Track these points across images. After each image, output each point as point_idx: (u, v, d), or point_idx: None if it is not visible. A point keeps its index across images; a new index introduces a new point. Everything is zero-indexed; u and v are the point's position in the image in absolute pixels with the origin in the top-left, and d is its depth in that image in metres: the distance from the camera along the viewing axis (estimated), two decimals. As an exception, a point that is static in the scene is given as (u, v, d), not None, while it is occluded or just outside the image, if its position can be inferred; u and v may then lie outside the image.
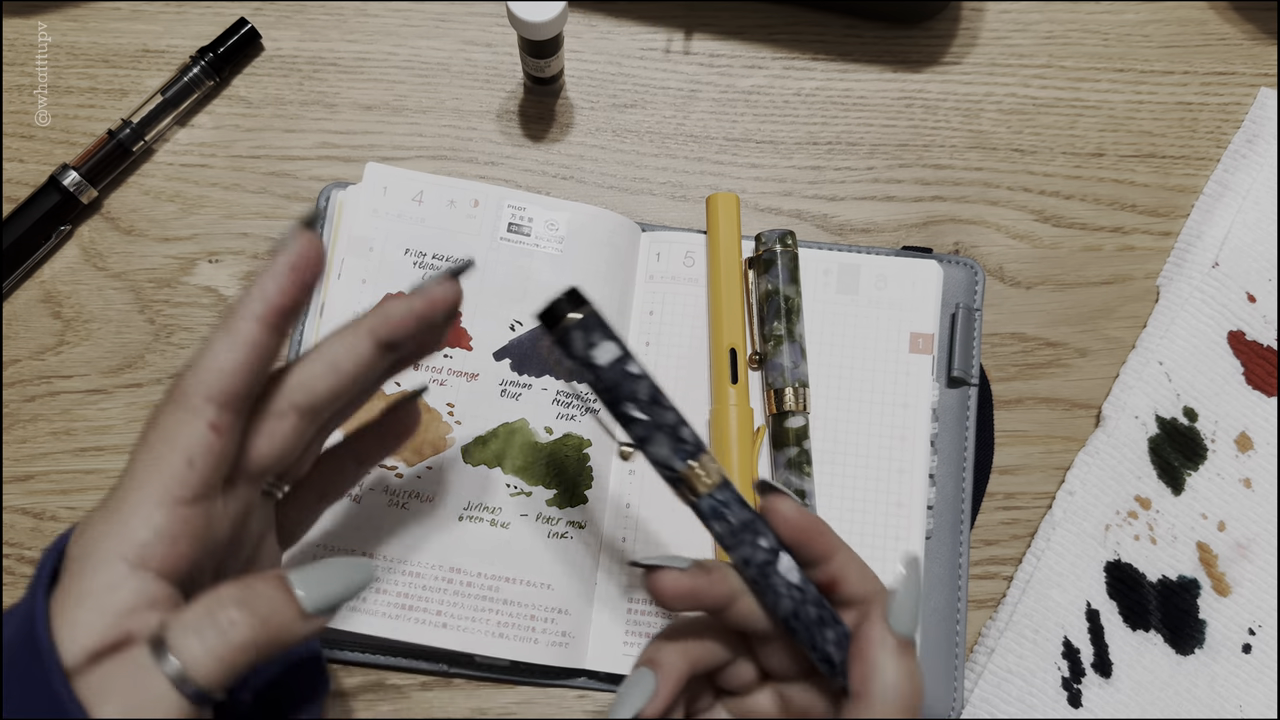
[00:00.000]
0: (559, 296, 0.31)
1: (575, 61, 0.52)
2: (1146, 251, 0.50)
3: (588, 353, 0.31)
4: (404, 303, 0.30)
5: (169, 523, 0.26)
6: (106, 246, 0.48)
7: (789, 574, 0.31)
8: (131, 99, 0.49)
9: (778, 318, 0.45)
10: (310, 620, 0.27)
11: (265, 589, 0.26)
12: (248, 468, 0.29)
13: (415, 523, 0.42)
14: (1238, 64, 0.53)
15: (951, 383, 0.46)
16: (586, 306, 0.31)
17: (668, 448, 0.31)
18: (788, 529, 0.31)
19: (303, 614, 0.26)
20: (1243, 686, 0.44)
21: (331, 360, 0.29)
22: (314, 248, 0.28)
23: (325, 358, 0.29)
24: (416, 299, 0.30)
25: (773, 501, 0.31)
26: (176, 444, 0.26)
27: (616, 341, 0.31)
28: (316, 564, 0.28)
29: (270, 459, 0.29)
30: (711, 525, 0.31)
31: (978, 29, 0.53)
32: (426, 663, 0.43)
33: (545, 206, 0.46)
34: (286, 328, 0.28)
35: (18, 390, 0.46)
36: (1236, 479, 0.47)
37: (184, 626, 0.25)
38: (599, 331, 0.31)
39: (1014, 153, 0.51)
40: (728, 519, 0.31)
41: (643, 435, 0.31)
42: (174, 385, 0.27)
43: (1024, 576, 0.45)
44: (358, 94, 0.50)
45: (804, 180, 0.50)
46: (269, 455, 0.29)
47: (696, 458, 0.31)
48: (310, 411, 0.29)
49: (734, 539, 0.31)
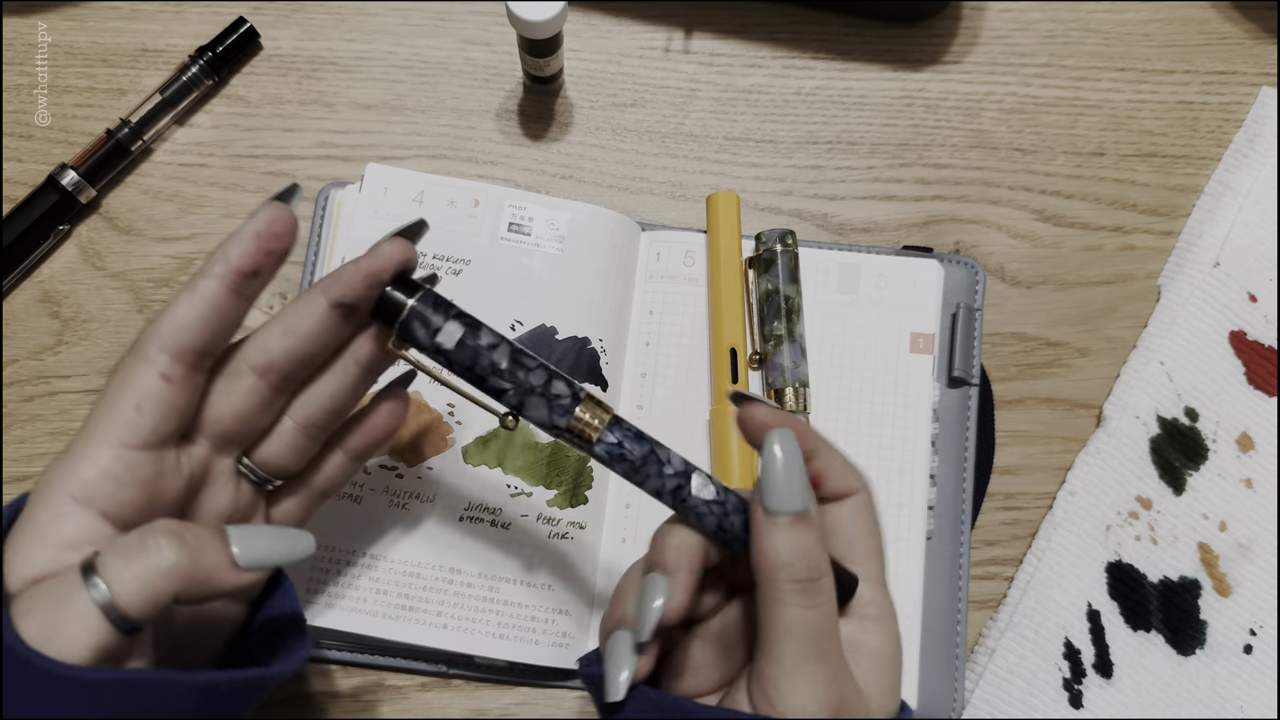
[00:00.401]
0: (386, 289, 0.30)
1: (575, 60, 0.51)
2: (1148, 251, 0.50)
3: (434, 340, 0.30)
4: (354, 263, 0.30)
5: (113, 464, 0.27)
6: (105, 246, 0.48)
7: (703, 491, 0.30)
8: (130, 98, 0.49)
9: (778, 317, 0.45)
10: (240, 573, 0.27)
11: (201, 532, 0.27)
12: (206, 426, 0.30)
13: (416, 523, 0.42)
14: (1239, 63, 0.53)
15: (952, 383, 0.46)
16: (420, 289, 0.30)
17: (544, 409, 0.30)
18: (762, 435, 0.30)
19: (233, 563, 0.27)
20: (1244, 687, 0.44)
21: (287, 322, 0.30)
22: (283, 220, 0.29)
23: (281, 320, 0.31)
24: (365, 258, 0.30)
25: (747, 409, 0.31)
26: (127, 390, 0.28)
27: (460, 318, 0.30)
28: (259, 526, 0.28)
29: (228, 418, 0.30)
30: (615, 469, 0.31)
31: (978, 28, 0.53)
32: (426, 663, 0.43)
33: (546, 206, 0.46)
34: (248, 292, 0.29)
35: (16, 390, 0.46)
36: (1238, 479, 0.47)
37: (114, 551, 0.25)
38: (438, 313, 0.30)
39: (1015, 152, 0.51)
40: (627, 458, 0.30)
41: (517, 403, 0.31)
42: (140, 334, 0.29)
43: (1025, 577, 0.45)
44: (356, 93, 0.50)
45: (804, 180, 0.50)
46: (226, 414, 0.30)
47: (575, 408, 0.30)
48: (266, 370, 0.30)
49: (639, 475, 0.30)
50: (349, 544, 0.42)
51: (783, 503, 0.28)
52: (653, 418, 0.45)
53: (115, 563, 0.25)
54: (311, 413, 0.32)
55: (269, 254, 0.29)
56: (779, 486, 0.28)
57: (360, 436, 0.35)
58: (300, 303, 0.31)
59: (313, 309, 0.30)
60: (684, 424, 0.45)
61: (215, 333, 0.29)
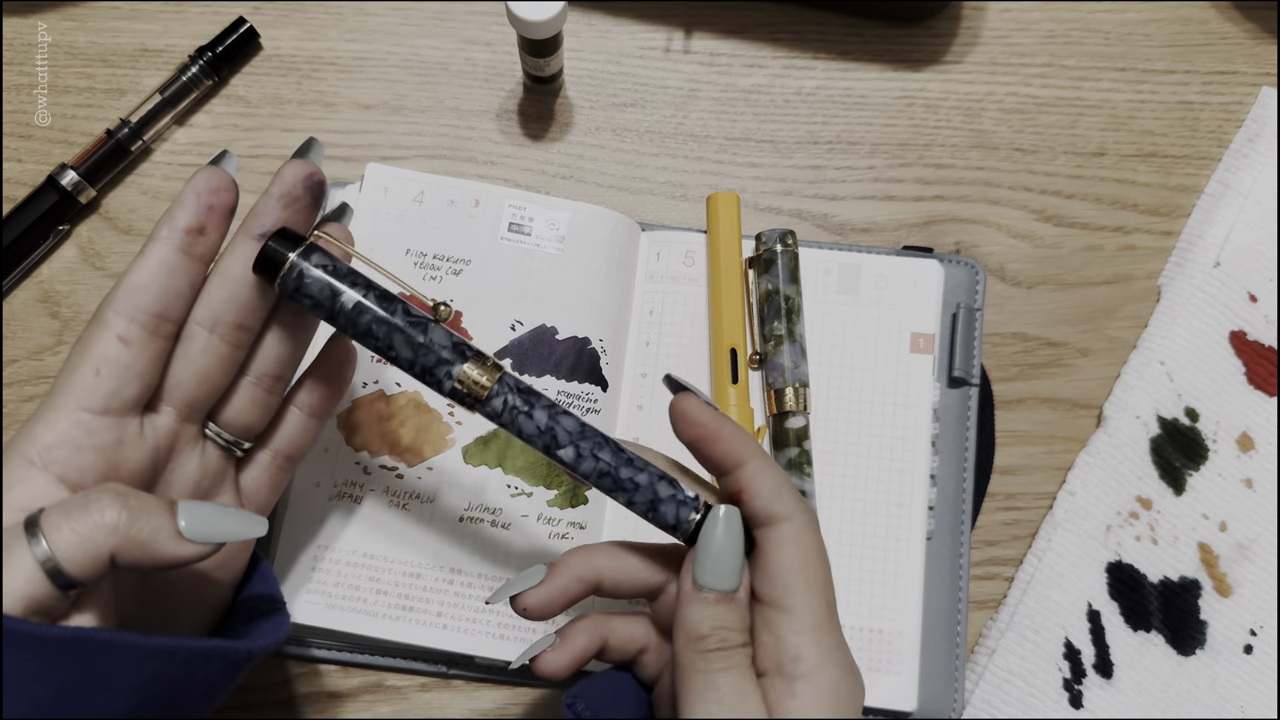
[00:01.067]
0: (267, 243, 0.30)
1: (575, 60, 0.51)
2: (1148, 251, 0.50)
3: (320, 296, 0.30)
4: (265, 192, 0.31)
5: (72, 428, 0.27)
6: (105, 246, 0.48)
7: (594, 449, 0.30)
8: (130, 98, 0.49)
9: (778, 317, 0.45)
10: (183, 543, 0.27)
11: (148, 498, 0.27)
12: (168, 394, 0.30)
13: (416, 524, 0.42)
14: (1239, 63, 0.53)
15: (952, 383, 0.46)
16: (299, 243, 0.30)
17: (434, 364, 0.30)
18: (689, 430, 0.30)
19: (177, 533, 0.27)
20: (1244, 687, 0.44)
21: (222, 268, 0.31)
22: (219, 177, 0.30)
23: (218, 270, 0.31)
24: (272, 185, 0.31)
25: (679, 401, 0.30)
26: (86, 355, 0.28)
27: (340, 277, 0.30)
28: (212, 504, 0.28)
29: (189, 381, 0.30)
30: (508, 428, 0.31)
31: (979, 28, 0.53)
32: (426, 664, 0.43)
33: (546, 206, 0.46)
34: (197, 250, 0.30)
35: (16, 390, 0.46)
36: (1238, 479, 0.47)
37: (59, 510, 0.26)
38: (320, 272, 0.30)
39: (1015, 152, 0.51)
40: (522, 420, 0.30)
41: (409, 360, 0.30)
42: (97, 307, 0.29)
43: (1025, 577, 0.45)
44: (356, 93, 0.50)
45: (804, 180, 0.50)
46: (186, 376, 0.30)
47: (462, 366, 0.30)
48: (215, 323, 0.30)
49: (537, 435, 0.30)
50: (349, 544, 0.42)
51: (710, 580, 0.29)
52: (653, 418, 0.45)
53: (57, 519, 0.25)
54: (266, 364, 0.33)
55: (210, 209, 0.30)
56: (710, 564, 0.29)
57: (311, 391, 0.35)
58: (231, 248, 0.31)
59: (242, 251, 0.31)
60: (684, 424, 0.45)
61: (169, 294, 0.29)
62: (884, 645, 0.43)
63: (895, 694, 0.42)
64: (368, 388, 0.44)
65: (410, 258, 0.45)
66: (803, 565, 0.29)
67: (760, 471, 0.30)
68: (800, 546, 0.29)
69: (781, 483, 0.30)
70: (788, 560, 0.29)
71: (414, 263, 0.45)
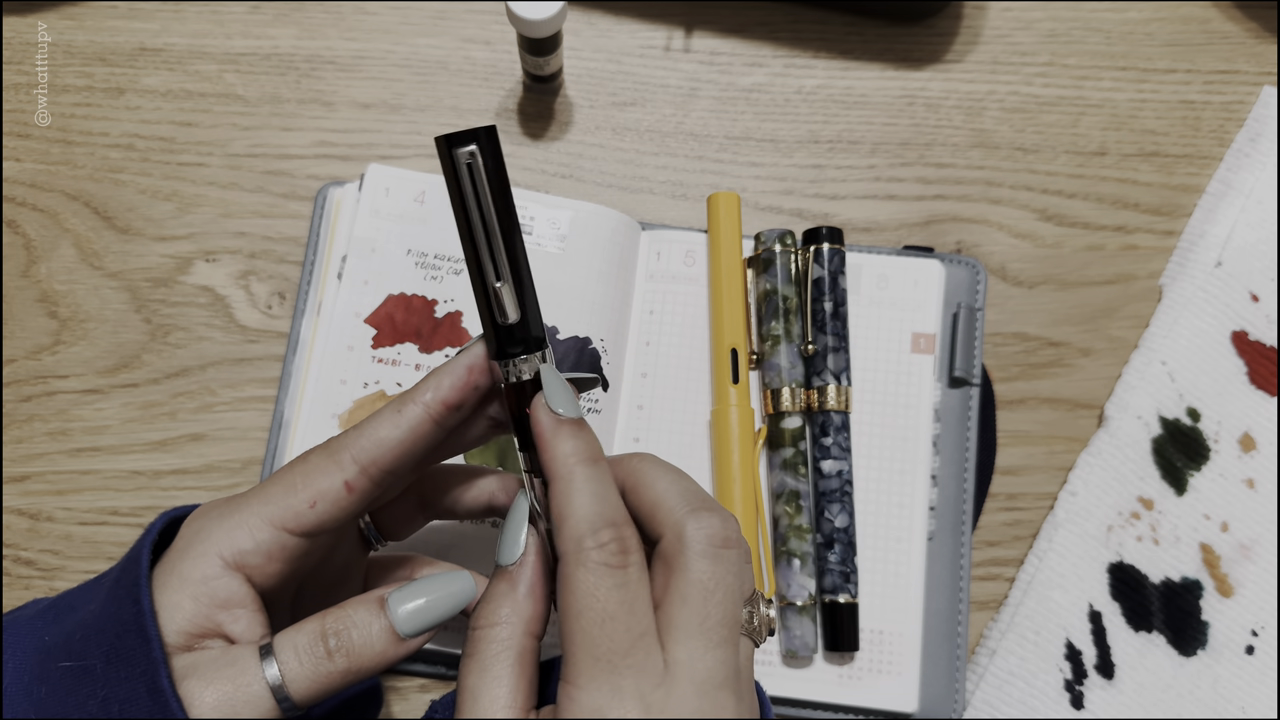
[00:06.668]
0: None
1: (574, 59, 0.51)
2: (1149, 251, 0.50)
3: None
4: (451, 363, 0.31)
5: (271, 543, 0.28)
6: (103, 245, 0.48)
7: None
8: (129, 97, 0.49)
9: (776, 317, 0.45)
10: (404, 644, 0.28)
11: (364, 617, 0.28)
12: None
13: (414, 524, 0.42)
14: (1240, 62, 0.53)
15: (953, 383, 0.46)
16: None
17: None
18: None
19: (397, 639, 0.28)
20: (1245, 688, 0.44)
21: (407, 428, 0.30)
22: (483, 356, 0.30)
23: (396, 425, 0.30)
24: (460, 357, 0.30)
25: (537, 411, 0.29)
26: (310, 485, 0.29)
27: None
28: (416, 583, 0.29)
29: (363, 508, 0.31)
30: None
31: (980, 27, 0.53)
32: (426, 664, 0.43)
33: (547, 205, 0.46)
34: (447, 422, 0.30)
35: (14, 390, 0.46)
36: (1239, 479, 0.46)
37: (291, 644, 0.27)
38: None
39: (1016, 151, 0.51)
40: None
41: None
42: (336, 438, 0.30)
43: (1026, 578, 0.45)
44: (355, 92, 0.50)
45: (805, 179, 0.50)
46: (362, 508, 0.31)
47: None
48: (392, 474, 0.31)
49: None
50: (348, 544, 0.42)
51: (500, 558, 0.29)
52: (653, 418, 0.45)
53: (290, 658, 0.27)
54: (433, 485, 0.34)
55: (476, 389, 0.30)
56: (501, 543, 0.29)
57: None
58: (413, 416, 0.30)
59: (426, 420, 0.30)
60: (684, 424, 0.45)
61: (408, 457, 0.30)
62: (885, 646, 0.43)
63: (896, 695, 0.42)
64: (368, 388, 0.44)
65: (411, 258, 0.45)
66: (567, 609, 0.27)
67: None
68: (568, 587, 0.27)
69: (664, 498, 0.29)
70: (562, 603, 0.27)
71: (415, 262, 0.45)
